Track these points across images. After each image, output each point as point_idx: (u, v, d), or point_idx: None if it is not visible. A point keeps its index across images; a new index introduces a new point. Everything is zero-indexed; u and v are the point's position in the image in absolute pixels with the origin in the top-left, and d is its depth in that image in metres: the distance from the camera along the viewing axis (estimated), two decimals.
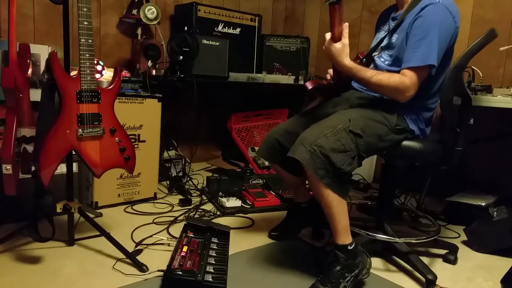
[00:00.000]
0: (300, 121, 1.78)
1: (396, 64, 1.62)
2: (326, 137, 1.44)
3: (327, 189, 1.44)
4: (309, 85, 1.71)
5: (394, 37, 1.65)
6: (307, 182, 1.87)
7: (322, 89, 1.75)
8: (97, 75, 2.18)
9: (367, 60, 1.73)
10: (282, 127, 1.81)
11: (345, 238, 1.50)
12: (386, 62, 1.68)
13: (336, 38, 1.53)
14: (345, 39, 1.53)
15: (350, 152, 1.46)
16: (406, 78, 1.53)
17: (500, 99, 1.94)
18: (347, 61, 1.55)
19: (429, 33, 1.51)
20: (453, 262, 1.82)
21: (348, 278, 1.46)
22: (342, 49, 1.53)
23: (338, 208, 1.47)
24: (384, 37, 1.69)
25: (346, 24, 1.52)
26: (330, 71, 1.74)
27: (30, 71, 1.62)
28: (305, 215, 1.95)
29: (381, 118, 1.58)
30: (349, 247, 1.49)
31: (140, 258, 1.63)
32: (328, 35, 1.55)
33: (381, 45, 1.71)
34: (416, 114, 1.65)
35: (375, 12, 3.04)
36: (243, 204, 2.33)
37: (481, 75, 2.22)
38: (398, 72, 1.58)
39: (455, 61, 1.55)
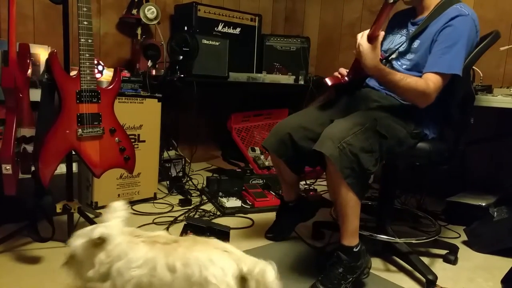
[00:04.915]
0: (315, 117, 1.72)
1: (415, 69, 1.60)
2: (355, 135, 1.41)
3: (348, 189, 1.41)
4: (329, 82, 1.67)
5: (416, 43, 1.63)
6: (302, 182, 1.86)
7: (338, 86, 1.72)
8: (97, 75, 2.18)
9: (385, 63, 1.68)
10: (295, 121, 1.73)
11: (352, 240, 1.48)
12: (404, 67, 1.66)
13: (372, 40, 1.47)
14: (379, 44, 1.48)
15: (375, 153, 1.44)
16: (431, 83, 1.51)
17: (500, 99, 1.94)
18: (378, 63, 1.51)
19: (458, 43, 1.51)
20: (454, 262, 1.82)
21: (350, 279, 1.46)
22: (377, 52, 1.49)
23: (354, 209, 1.45)
24: (404, 42, 1.67)
25: (382, 33, 1.49)
26: (342, 70, 1.71)
27: (30, 71, 1.62)
28: (293, 214, 1.94)
29: (401, 120, 1.55)
30: (354, 249, 1.48)
31: None
32: (362, 34, 1.49)
33: (400, 49, 1.68)
34: (427, 117, 1.63)
35: (375, 12, 3.02)
36: (243, 204, 2.33)
37: (481, 75, 2.22)
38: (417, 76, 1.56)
39: (466, 61, 1.57)
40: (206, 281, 0.96)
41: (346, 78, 1.69)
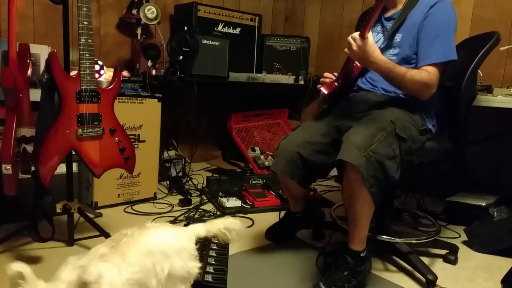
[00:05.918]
0: (316, 129, 1.68)
1: (404, 62, 1.59)
2: (379, 142, 1.39)
3: (369, 198, 1.39)
4: (325, 91, 1.64)
5: (398, 36, 1.62)
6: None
7: (333, 92, 1.70)
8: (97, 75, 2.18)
9: None
10: (299, 137, 1.67)
11: (360, 245, 1.49)
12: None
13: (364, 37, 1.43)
14: (371, 37, 1.45)
15: (397, 158, 1.43)
16: (432, 75, 1.52)
17: (500, 99, 1.94)
18: (382, 56, 1.47)
19: (444, 30, 1.53)
20: (454, 262, 1.81)
21: (352, 282, 1.46)
22: (375, 46, 1.45)
23: (368, 216, 1.45)
24: (382, 39, 1.66)
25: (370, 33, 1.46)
26: (328, 74, 1.71)
27: (30, 71, 1.62)
28: (299, 223, 1.93)
29: (409, 118, 1.54)
30: (361, 254, 1.49)
31: None
32: (355, 35, 1.44)
33: (380, 47, 1.65)
34: (428, 111, 1.63)
35: None
36: (243, 204, 2.33)
37: (481, 75, 2.22)
38: None
39: (473, 63, 1.59)
40: (183, 249, 1.13)
41: (335, 83, 1.68)
